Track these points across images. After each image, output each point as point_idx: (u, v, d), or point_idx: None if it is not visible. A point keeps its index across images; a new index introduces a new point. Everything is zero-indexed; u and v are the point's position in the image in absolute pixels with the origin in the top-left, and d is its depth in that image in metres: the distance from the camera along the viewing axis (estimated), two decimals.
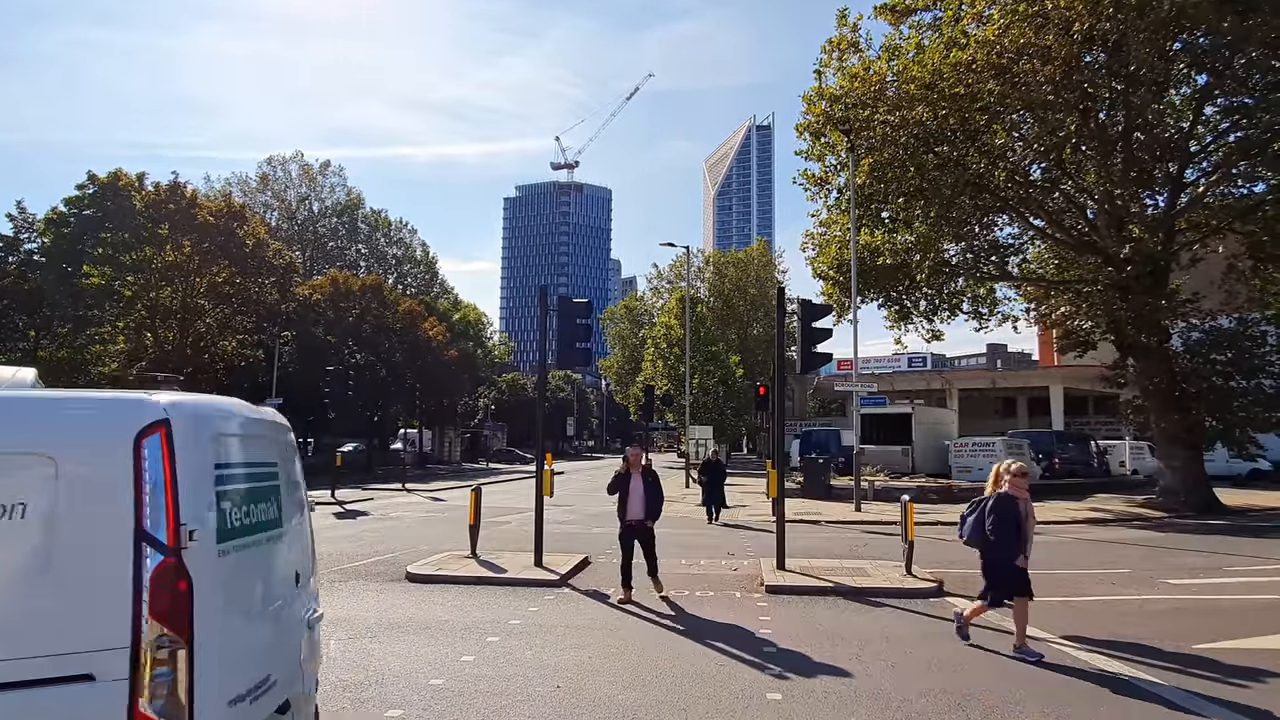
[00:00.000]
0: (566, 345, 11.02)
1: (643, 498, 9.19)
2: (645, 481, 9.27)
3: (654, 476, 9.48)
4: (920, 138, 21.22)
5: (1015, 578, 6.87)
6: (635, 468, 9.35)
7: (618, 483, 9.37)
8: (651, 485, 9.30)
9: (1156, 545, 14.85)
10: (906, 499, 10.24)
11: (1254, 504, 24.43)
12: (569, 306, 11.07)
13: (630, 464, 9.37)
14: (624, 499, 9.25)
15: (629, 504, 9.18)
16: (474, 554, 11.46)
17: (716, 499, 19.00)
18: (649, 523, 9.28)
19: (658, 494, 9.34)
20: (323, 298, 44.92)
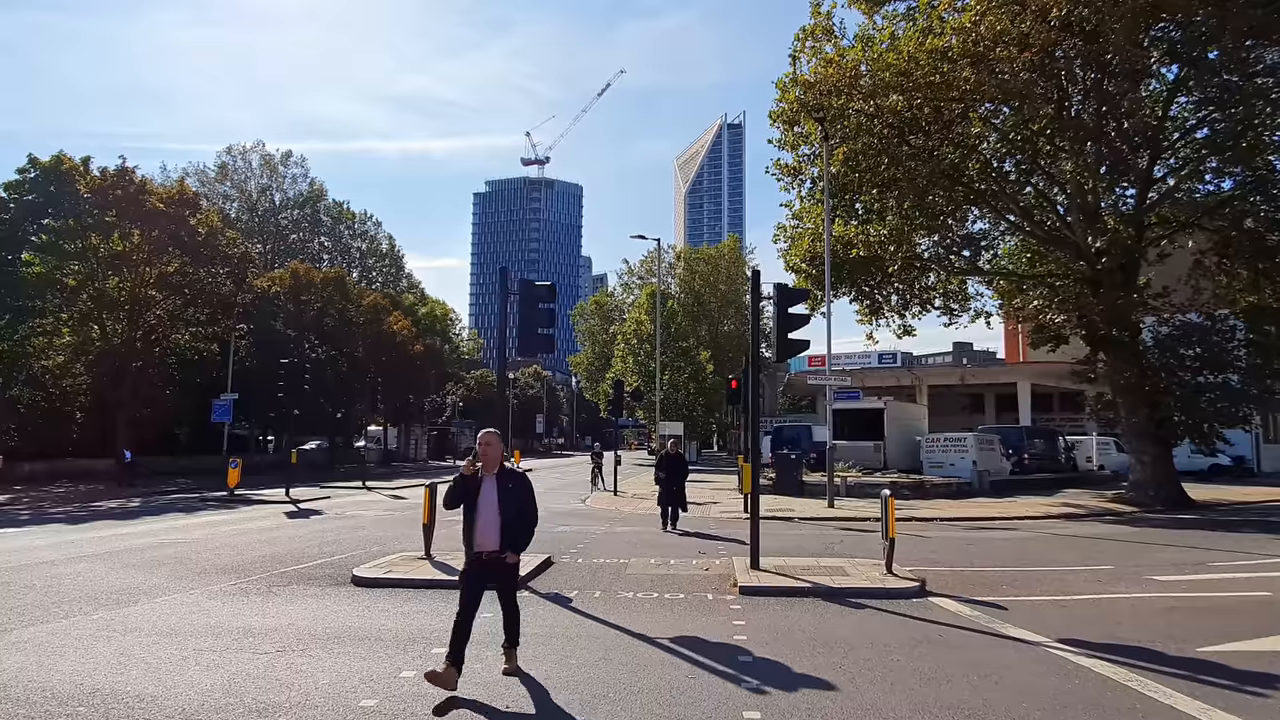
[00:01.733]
0: (529, 331, 10.30)
1: (498, 516, 5.66)
2: (504, 489, 5.74)
3: (522, 483, 5.92)
4: (895, 127, 20.81)
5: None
6: (490, 467, 5.81)
7: (459, 490, 5.79)
8: (514, 495, 5.78)
9: (1134, 540, 14.57)
10: (887, 494, 9.70)
11: (1220, 498, 24.54)
12: (532, 290, 10.35)
13: (482, 460, 5.80)
14: (469, 516, 5.75)
15: (476, 525, 5.71)
16: (428, 555, 10.70)
17: (676, 501, 16.03)
18: (509, 557, 5.74)
19: (525, 511, 5.87)
20: (282, 290, 43.55)
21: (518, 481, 5.87)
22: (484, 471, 5.78)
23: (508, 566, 5.84)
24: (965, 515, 18.72)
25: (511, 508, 5.72)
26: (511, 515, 5.72)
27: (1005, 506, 21.31)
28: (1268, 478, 35.67)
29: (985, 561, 11.66)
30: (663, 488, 16.08)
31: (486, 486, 5.74)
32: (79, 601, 8.51)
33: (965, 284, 28.25)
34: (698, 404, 55.11)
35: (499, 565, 5.77)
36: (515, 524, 5.75)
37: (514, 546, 5.76)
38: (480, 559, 5.74)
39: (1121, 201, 23.65)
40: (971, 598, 8.69)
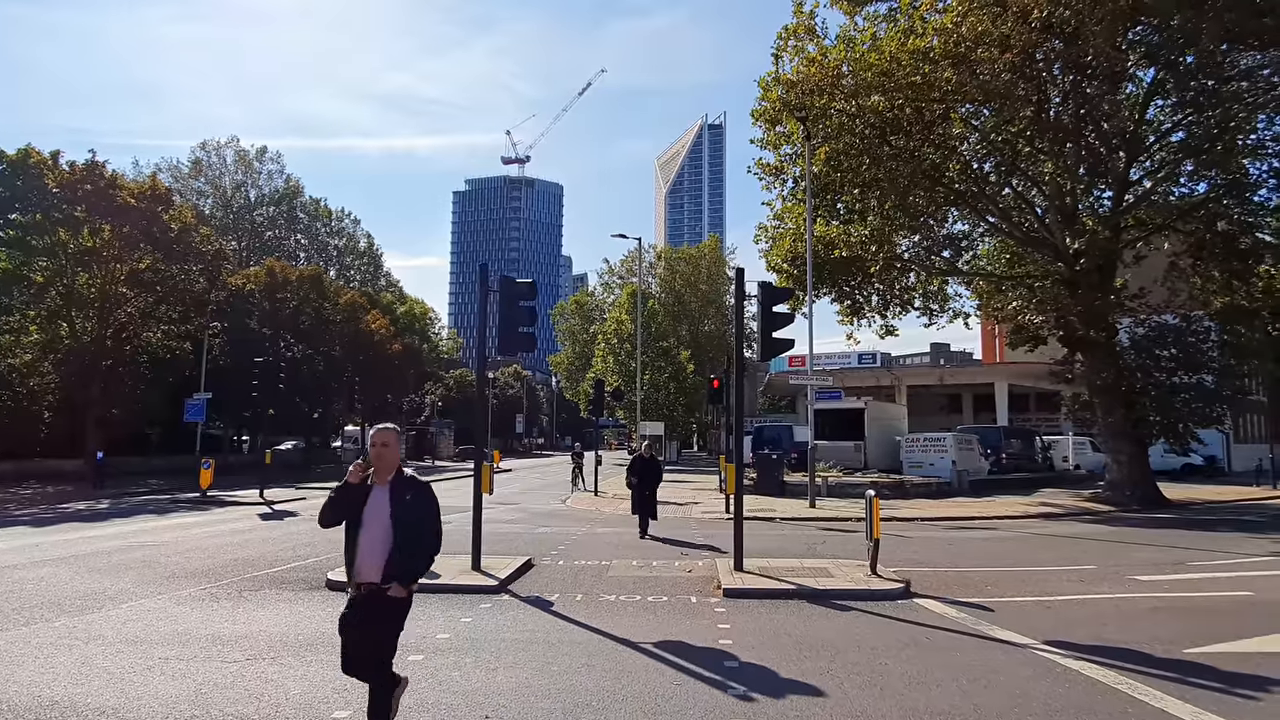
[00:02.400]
0: (509, 329, 10.10)
1: (388, 536, 4.30)
2: (398, 502, 4.36)
3: (423, 496, 4.48)
4: (876, 127, 20.84)
5: None
6: (384, 474, 4.43)
7: (342, 502, 4.42)
8: (411, 510, 4.38)
9: (1113, 540, 14.65)
10: (871, 494, 9.62)
11: (1194, 498, 24.86)
12: (512, 287, 10.15)
13: (374, 465, 4.46)
14: (352, 536, 4.38)
15: (359, 548, 4.33)
16: None
17: (648, 508, 14.89)
18: (393, 589, 4.30)
19: (423, 530, 4.43)
20: (257, 288, 42.84)
21: (418, 493, 4.42)
22: (375, 479, 4.41)
23: (388, 605, 4.29)
24: (946, 515, 18.76)
25: (407, 525, 4.30)
26: (407, 535, 4.29)
27: (984, 506, 21.41)
28: (1238, 477, 36.27)
29: (968, 562, 11.64)
30: (635, 493, 15.04)
31: (376, 498, 4.34)
32: (40, 608, 8.19)
33: (945, 285, 28.44)
34: (678, 404, 55.06)
35: (380, 601, 4.27)
36: (409, 546, 4.29)
37: (402, 576, 4.28)
38: (363, 591, 4.32)
39: (1099, 204, 23.88)
40: (957, 599, 8.63)
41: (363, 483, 4.43)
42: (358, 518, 4.36)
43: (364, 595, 4.33)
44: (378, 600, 4.31)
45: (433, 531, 4.50)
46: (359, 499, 4.39)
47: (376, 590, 4.29)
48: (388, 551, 4.27)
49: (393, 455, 4.47)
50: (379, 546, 4.28)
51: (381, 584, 4.27)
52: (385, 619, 4.37)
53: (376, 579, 4.28)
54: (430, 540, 4.48)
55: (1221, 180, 22.93)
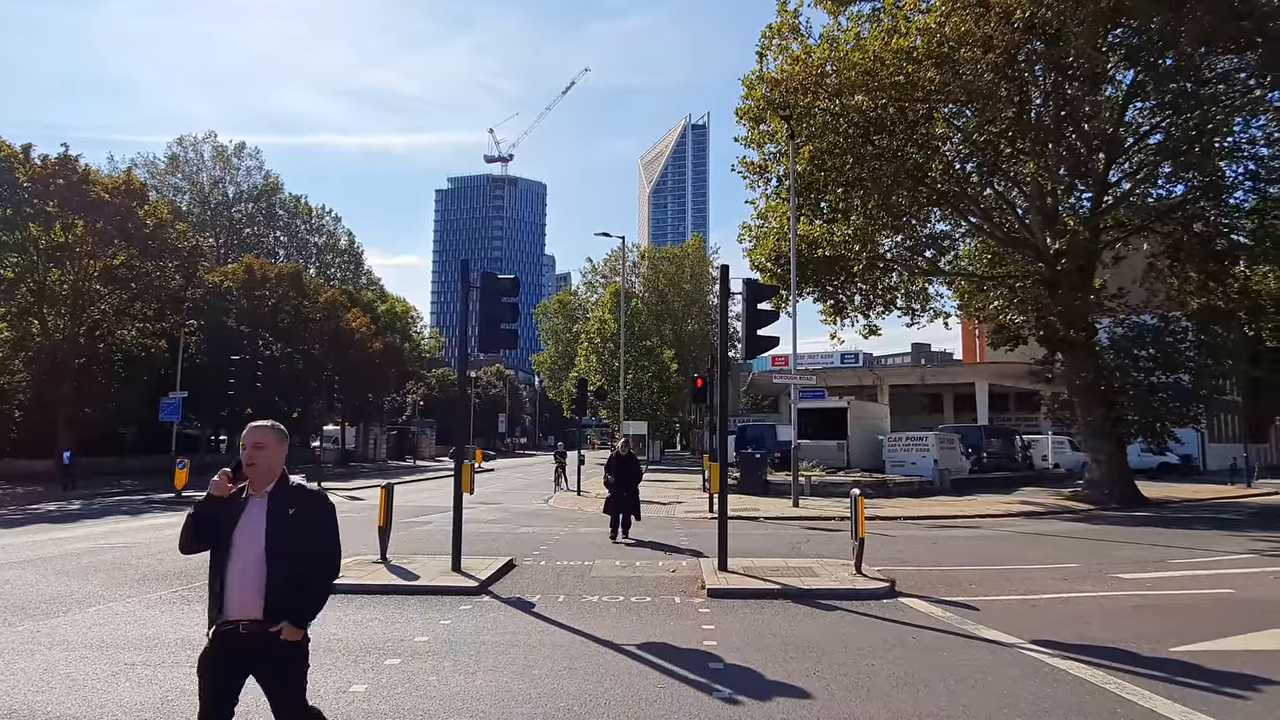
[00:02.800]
0: (490, 326, 9.93)
1: (263, 562, 3.34)
2: (279, 519, 3.38)
3: (314, 509, 3.50)
4: (860, 126, 20.86)
5: None
6: (261, 483, 3.44)
7: (206, 520, 3.40)
8: (298, 529, 3.39)
9: (1094, 538, 14.72)
10: (857, 493, 9.56)
11: (1171, 496, 25.13)
12: (494, 284, 9.99)
13: (248, 472, 3.41)
14: (219, 561, 3.39)
15: (229, 576, 3.34)
16: (384, 559, 10.26)
17: (628, 508, 14.21)
18: (284, 631, 3.36)
19: (316, 553, 3.45)
20: (235, 285, 42.26)
21: (306, 506, 3.43)
22: (251, 490, 3.40)
23: (280, 651, 3.34)
24: (929, 514, 18.80)
25: (290, 549, 3.30)
26: (291, 562, 3.30)
27: (966, 505, 21.50)
28: (1213, 475, 36.75)
29: (952, 560, 11.62)
30: (612, 492, 14.26)
31: (252, 514, 3.35)
32: (3, 612, 7.93)
33: (927, 285, 28.58)
34: (662, 403, 55.00)
35: (265, 645, 3.30)
36: (296, 575, 3.31)
37: (292, 613, 3.31)
38: (235, 633, 3.28)
39: (1079, 205, 24.08)
40: (942, 598, 8.58)
41: (235, 495, 3.39)
42: (229, 538, 3.31)
43: (243, 634, 3.28)
44: (261, 641, 3.29)
45: (326, 555, 3.46)
46: (230, 515, 3.35)
47: (260, 629, 3.27)
48: (265, 579, 3.28)
49: (271, 459, 3.42)
50: (252, 576, 3.28)
51: (265, 621, 3.27)
52: (278, 664, 3.38)
53: (259, 615, 3.27)
54: (323, 566, 3.44)
55: (1198, 182, 23.19)
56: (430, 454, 71.02)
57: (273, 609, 3.30)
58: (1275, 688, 5.44)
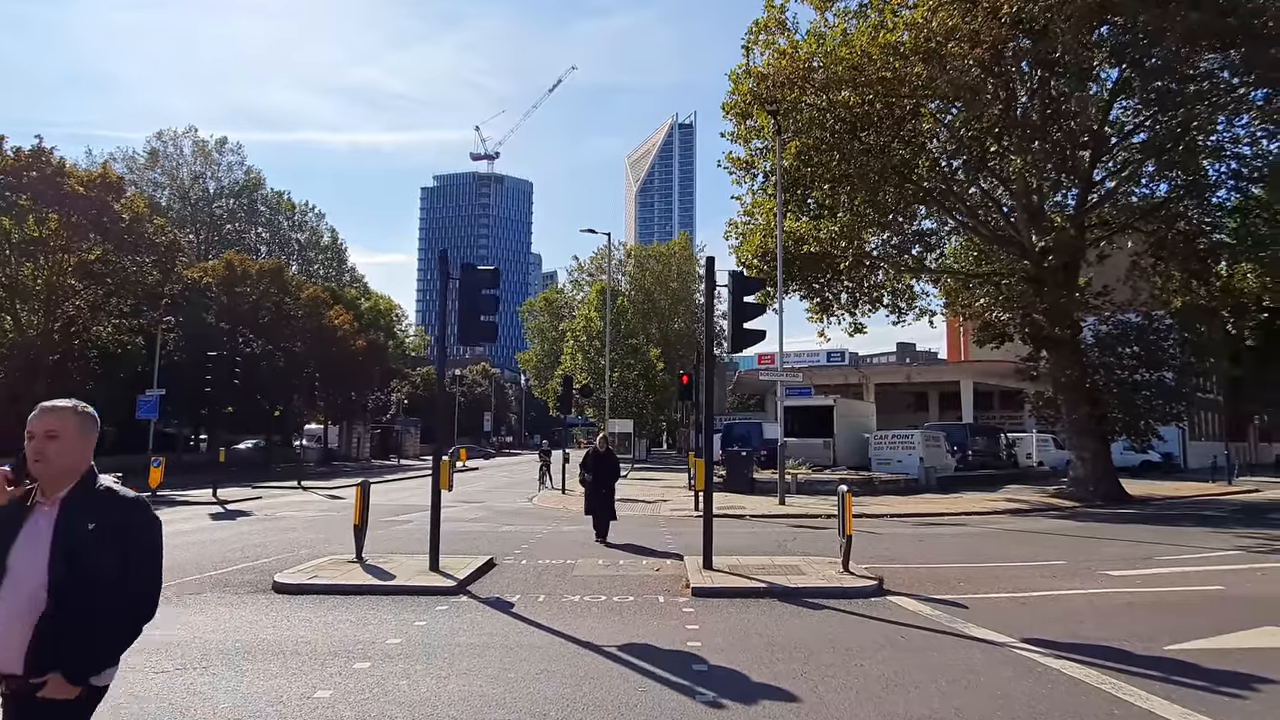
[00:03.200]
0: (470, 318, 9.66)
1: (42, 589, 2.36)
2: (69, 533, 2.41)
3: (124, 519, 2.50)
4: (847, 121, 20.73)
5: None
6: (51, 486, 2.47)
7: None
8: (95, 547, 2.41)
9: (1081, 535, 14.65)
10: (845, 490, 9.39)
11: (1154, 493, 25.21)
12: (473, 275, 9.72)
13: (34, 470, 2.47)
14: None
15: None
16: (359, 558, 9.97)
17: (605, 508, 13.23)
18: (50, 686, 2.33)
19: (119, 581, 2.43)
20: (215, 281, 41.59)
21: (117, 517, 2.51)
22: (40, 495, 2.51)
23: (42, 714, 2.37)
24: (915, 511, 18.70)
25: (84, 578, 2.39)
26: (83, 594, 2.39)
27: (952, 502, 21.44)
28: (1193, 473, 37.01)
29: (939, 558, 11.48)
30: (590, 491, 13.45)
31: (34, 526, 2.45)
32: None
33: (913, 284, 28.54)
34: (648, 402, 54.82)
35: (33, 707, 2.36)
36: (80, 612, 2.38)
37: (67, 662, 2.36)
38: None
39: (1064, 203, 24.10)
40: (931, 596, 8.42)
41: (20, 502, 2.49)
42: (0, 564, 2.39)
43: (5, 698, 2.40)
44: (25, 706, 2.37)
45: (141, 584, 2.52)
46: (4, 531, 2.43)
47: (22, 688, 2.35)
48: (36, 614, 2.35)
49: (67, 453, 2.50)
50: (23, 610, 2.35)
51: (27, 677, 2.34)
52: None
53: (18, 669, 2.34)
54: (128, 602, 2.48)
55: (1182, 181, 23.27)
56: (415, 453, 70.54)
57: (39, 656, 2.33)
58: (1273, 686, 5.29)
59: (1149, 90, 19.73)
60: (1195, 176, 23.25)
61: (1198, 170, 23.26)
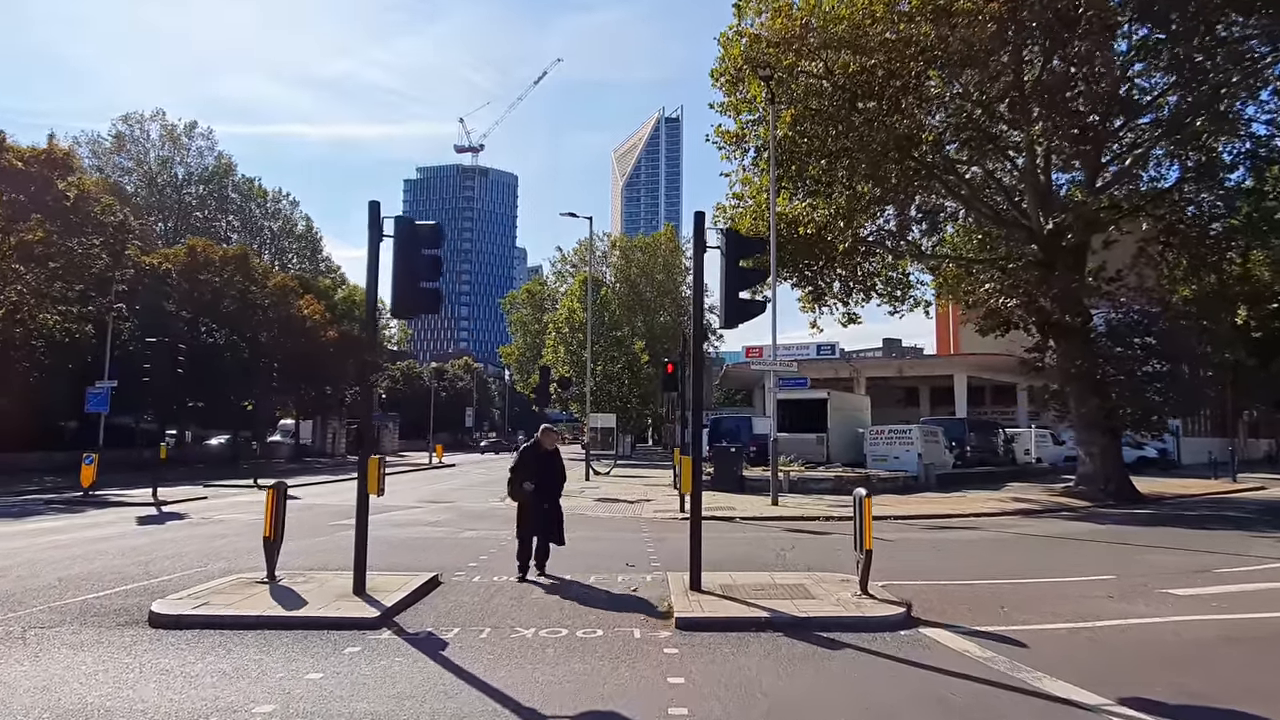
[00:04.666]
0: (407, 284, 7.89)
1: None
2: None
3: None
4: (846, 89, 19.05)
5: None
6: None
7: None
8: None
9: (1112, 540, 13.08)
10: (863, 494, 7.73)
11: (1162, 491, 23.85)
12: (411, 231, 7.92)
13: None
14: None
15: None
16: (271, 578, 8.18)
17: (547, 528, 9.27)
18: None
19: None
20: (175, 268, 39.38)
21: None
22: None
23: None
24: (920, 513, 17.09)
25: None
26: None
27: (957, 502, 19.92)
28: (1189, 470, 35.90)
29: (965, 570, 9.87)
30: (531, 503, 9.12)
31: None
32: None
33: (908, 275, 27.08)
34: (632, 396, 53.08)
35: None
36: None
37: None
38: None
39: (1075, 182, 22.59)
40: (973, 627, 6.76)
41: None
42: None
43: None
44: None
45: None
46: None
47: None
48: None
49: None
50: None
51: None
52: None
53: None
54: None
55: (1195, 163, 21.89)
56: (393, 448, 68.49)
57: None
58: None
59: (1175, 54, 18.07)
60: (1210, 156, 21.88)
61: (1212, 151, 21.89)
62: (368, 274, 7.96)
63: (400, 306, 7.98)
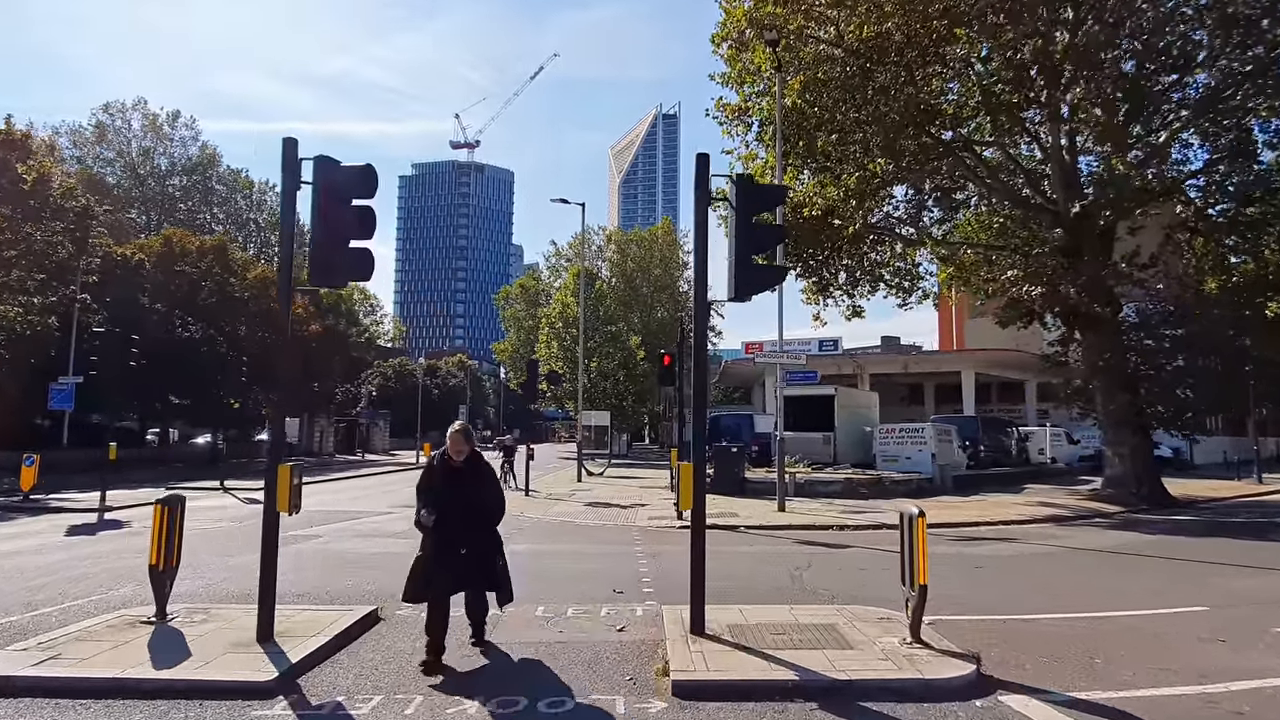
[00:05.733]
0: (331, 243, 6.18)
1: None
2: None
3: None
4: (860, 55, 17.32)
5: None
6: None
7: None
8: None
9: (1171, 556, 11.41)
10: (916, 513, 6.05)
11: (1192, 494, 22.31)
12: (335, 175, 6.20)
13: None
14: None
15: None
16: (160, 616, 6.47)
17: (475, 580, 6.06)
18: None
19: None
20: (150, 259, 37.55)
21: None
22: None
23: None
24: (944, 521, 15.38)
25: None
26: None
27: (980, 508, 18.25)
28: (1205, 470, 34.40)
29: (1021, 599, 8.19)
30: (433, 549, 5.87)
31: None
32: None
33: (918, 263, 25.48)
34: (628, 393, 51.36)
35: None
36: None
37: None
38: None
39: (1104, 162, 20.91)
40: (1070, 692, 5.07)
41: None
42: None
43: None
44: None
45: None
46: None
47: None
48: None
49: None
50: None
51: None
52: None
53: None
54: None
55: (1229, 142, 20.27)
56: (383, 447, 66.83)
57: None
58: None
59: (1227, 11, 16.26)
60: (1246, 134, 20.29)
61: (1249, 128, 20.29)
62: (281, 230, 6.28)
63: (321, 271, 6.26)
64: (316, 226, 6.16)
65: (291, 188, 6.21)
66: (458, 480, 5.94)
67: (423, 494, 6.01)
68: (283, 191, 6.20)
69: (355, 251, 6.23)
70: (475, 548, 5.91)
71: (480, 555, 5.96)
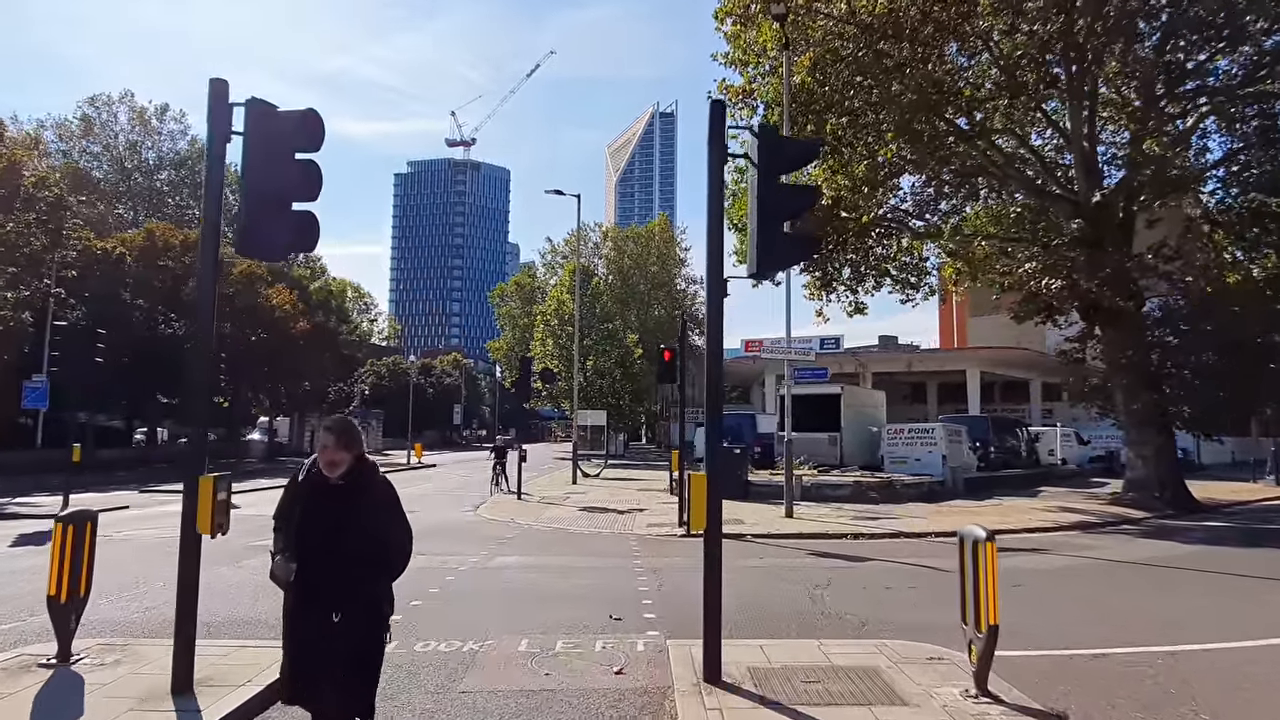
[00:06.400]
0: (265, 205, 5.09)
1: None
2: None
3: None
4: (874, 30, 16.25)
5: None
6: None
7: None
8: None
9: (1223, 570, 10.34)
10: (981, 535, 5.01)
11: (1216, 498, 21.26)
12: (271, 125, 5.10)
13: None
14: None
15: None
16: (63, 658, 5.37)
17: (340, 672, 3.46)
18: None
19: None
20: (131, 253, 36.36)
21: None
22: None
23: None
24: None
25: None
26: None
27: (999, 513, 17.22)
28: (1213, 471, 33.45)
29: (1080, 627, 7.12)
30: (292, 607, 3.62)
31: None
32: None
33: (925, 258, 24.49)
34: (625, 392, 50.26)
35: None
36: None
37: None
38: None
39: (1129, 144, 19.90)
40: None
41: None
42: None
43: None
44: None
45: None
46: None
47: None
48: None
49: None
50: None
51: None
52: None
53: None
54: None
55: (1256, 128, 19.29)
56: (376, 447, 65.66)
57: None
58: None
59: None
60: (1271, 120, 19.29)
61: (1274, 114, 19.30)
62: (206, 190, 5.16)
63: (252, 240, 5.16)
64: (250, 183, 5.06)
65: (222, 139, 5.11)
66: (333, 506, 3.54)
67: (281, 527, 3.66)
68: (208, 142, 5.11)
69: (298, 214, 5.12)
70: (343, 619, 3.46)
71: (349, 634, 3.48)
